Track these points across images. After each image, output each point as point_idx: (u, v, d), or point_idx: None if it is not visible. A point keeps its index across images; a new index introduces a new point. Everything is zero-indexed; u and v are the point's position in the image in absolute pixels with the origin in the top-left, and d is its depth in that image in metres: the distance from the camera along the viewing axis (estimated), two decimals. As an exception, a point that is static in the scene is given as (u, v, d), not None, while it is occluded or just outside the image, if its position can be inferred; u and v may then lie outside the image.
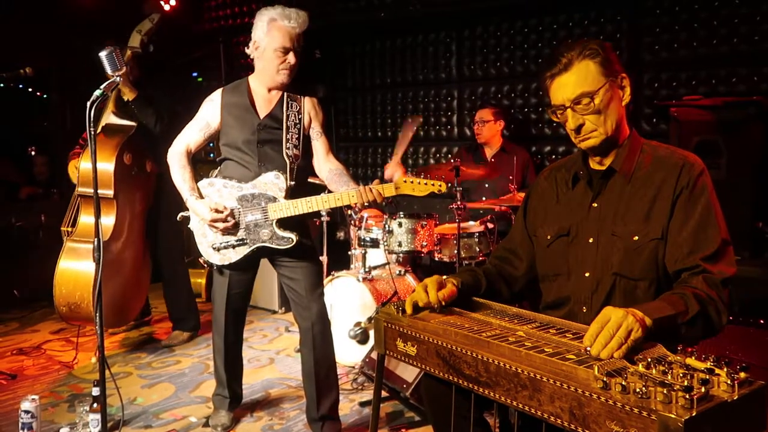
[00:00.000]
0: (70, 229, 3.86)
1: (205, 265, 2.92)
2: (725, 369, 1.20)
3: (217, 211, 2.67)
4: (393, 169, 3.81)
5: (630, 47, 4.35)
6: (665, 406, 1.10)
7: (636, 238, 1.72)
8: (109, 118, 3.93)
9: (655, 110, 4.20)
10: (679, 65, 4.15)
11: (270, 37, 2.69)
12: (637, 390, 1.14)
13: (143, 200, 4.05)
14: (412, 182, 2.62)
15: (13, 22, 5.48)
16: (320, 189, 3.09)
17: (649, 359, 1.24)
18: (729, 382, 1.16)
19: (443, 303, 1.74)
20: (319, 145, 2.86)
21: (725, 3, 3.91)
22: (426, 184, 2.61)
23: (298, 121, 2.79)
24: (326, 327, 2.87)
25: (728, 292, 1.63)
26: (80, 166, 3.75)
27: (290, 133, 2.76)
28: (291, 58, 2.71)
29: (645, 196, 1.75)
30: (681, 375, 1.17)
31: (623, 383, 1.16)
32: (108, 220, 3.78)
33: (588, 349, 1.34)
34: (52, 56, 5.63)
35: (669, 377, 1.18)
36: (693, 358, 1.26)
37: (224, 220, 2.68)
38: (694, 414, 1.08)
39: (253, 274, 2.97)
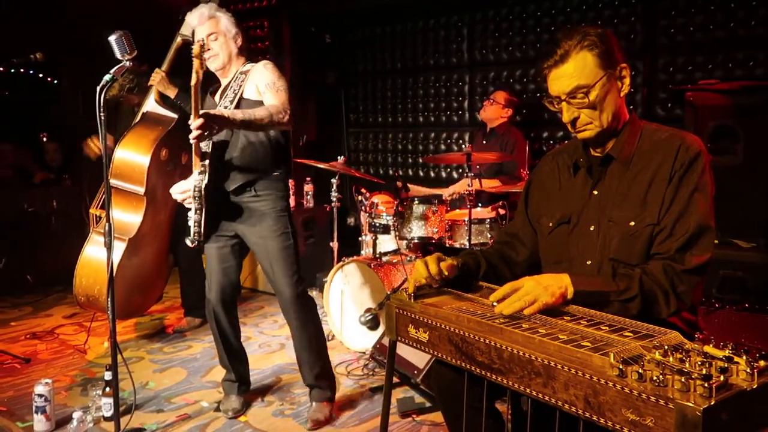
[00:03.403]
0: (98, 212, 3.79)
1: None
2: (744, 357, 1.17)
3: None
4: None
5: (645, 31, 4.28)
6: (683, 395, 1.08)
7: (632, 223, 1.70)
8: (151, 105, 3.78)
9: (671, 95, 4.14)
10: (696, 49, 4.08)
11: None
12: (654, 378, 1.11)
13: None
14: None
15: (24, 7, 5.48)
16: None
17: (666, 347, 1.22)
18: (748, 370, 1.14)
19: (445, 273, 1.74)
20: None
21: (743, -15, 3.84)
22: None
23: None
24: (301, 305, 2.91)
25: (695, 280, 1.63)
26: (115, 156, 3.61)
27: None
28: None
29: (642, 181, 1.72)
30: (699, 363, 1.15)
31: (640, 371, 1.13)
32: (135, 218, 3.66)
33: (494, 304, 1.53)
34: (63, 42, 5.61)
35: (687, 365, 1.15)
36: (711, 345, 1.24)
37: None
38: (713, 403, 1.05)
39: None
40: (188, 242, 2.83)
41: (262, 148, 2.85)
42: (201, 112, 2.46)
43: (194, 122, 2.47)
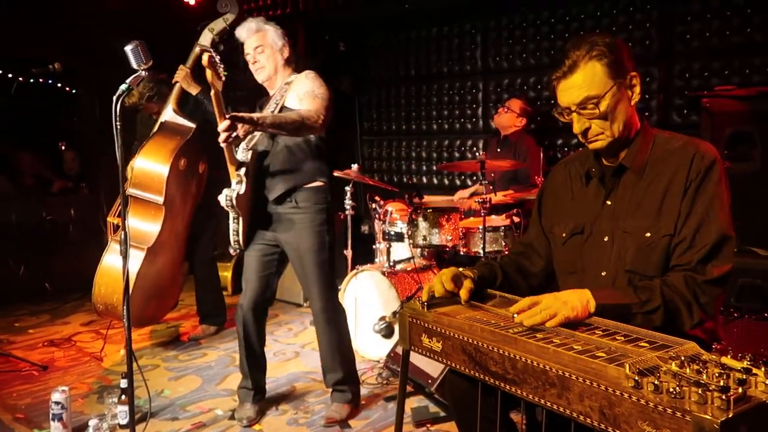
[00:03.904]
0: (116, 221, 3.82)
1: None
2: (763, 369, 1.15)
3: None
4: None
5: (660, 37, 4.25)
6: (700, 407, 1.06)
7: (648, 234, 1.68)
8: (169, 115, 3.81)
9: (687, 101, 4.10)
10: (712, 55, 4.04)
11: None
12: (671, 390, 1.10)
13: (192, 203, 3.97)
14: None
15: (42, 18, 5.56)
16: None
17: (683, 358, 1.20)
18: (767, 382, 1.12)
19: (464, 296, 1.72)
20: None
21: (760, -10, 3.80)
22: None
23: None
24: (329, 317, 2.98)
25: (717, 291, 1.62)
26: (134, 165, 3.64)
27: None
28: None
29: (657, 190, 1.70)
30: (716, 374, 1.13)
31: (656, 382, 1.12)
32: (153, 227, 3.69)
33: (514, 316, 1.51)
34: (81, 52, 5.69)
35: (704, 377, 1.13)
36: (729, 356, 1.22)
37: None
38: (731, 415, 1.03)
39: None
40: (231, 250, 2.93)
41: (302, 155, 2.89)
42: (228, 114, 2.50)
43: (221, 125, 2.51)
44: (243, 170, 2.80)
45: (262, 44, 2.93)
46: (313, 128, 2.73)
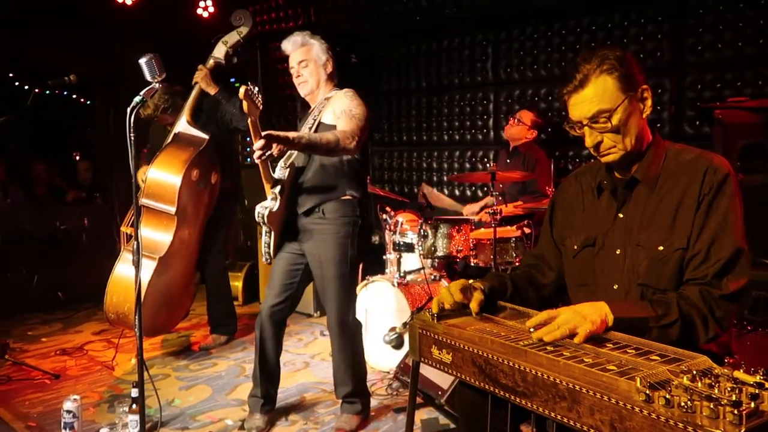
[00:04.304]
0: (129, 230, 3.86)
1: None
2: (776, 383, 1.14)
3: None
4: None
5: (672, 48, 4.24)
6: (712, 422, 1.05)
7: (661, 248, 1.67)
8: (183, 126, 3.86)
9: (699, 113, 4.09)
10: (724, 66, 4.02)
11: None
12: (682, 404, 1.09)
13: (204, 214, 4.00)
14: None
15: (58, 31, 5.65)
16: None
17: (695, 371, 1.19)
18: (780, 397, 1.11)
19: (475, 308, 1.72)
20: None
21: (773, 1, 3.78)
22: None
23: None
24: (344, 330, 2.98)
25: (733, 306, 1.61)
26: (147, 176, 3.68)
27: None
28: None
29: (669, 204, 1.69)
30: (729, 389, 1.12)
31: (667, 396, 1.11)
32: (165, 237, 3.72)
33: (531, 330, 1.49)
34: (96, 64, 5.77)
35: (716, 391, 1.12)
36: (741, 371, 1.21)
37: None
38: (743, 430, 1.03)
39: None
40: (264, 260, 3.00)
41: (335, 171, 2.90)
42: (263, 132, 2.50)
43: (256, 143, 2.53)
44: (278, 188, 2.83)
45: (306, 59, 2.95)
46: (346, 150, 2.72)
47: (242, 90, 2.56)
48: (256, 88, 2.63)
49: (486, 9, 4.80)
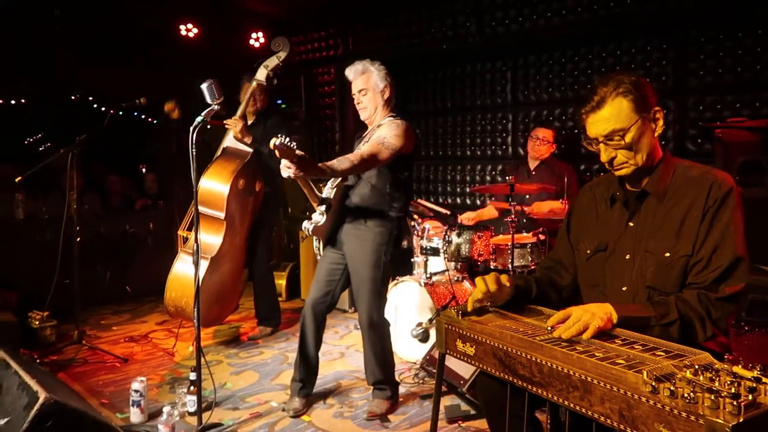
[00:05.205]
0: (185, 234, 3.93)
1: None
2: (773, 378, 1.12)
3: None
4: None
5: (676, 73, 4.18)
6: (713, 412, 1.05)
7: (667, 254, 1.66)
8: (230, 141, 3.92)
9: (701, 132, 4.01)
10: (724, 89, 3.95)
11: None
12: (685, 395, 1.08)
13: (250, 218, 4.06)
14: None
15: (130, 61, 5.84)
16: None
17: (697, 366, 1.18)
18: (776, 391, 1.09)
19: (507, 284, 1.74)
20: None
21: (769, 30, 3.70)
22: None
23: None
24: (373, 328, 2.98)
25: (729, 308, 1.59)
26: (200, 186, 3.69)
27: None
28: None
29: (676, 215, 1.68)
30: (728, 382, 1.11)
31: (671, 388, 1.10)
32: (216, 239, 3.78)
33: (550, 329, 1.50)
34: (162, 89, 5.92)
35: (716, 384, 1.11)
36: (740, 366, 1.19)
37: None
38: (741, 420, 1.02)
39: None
40: (318, 257, 3.12)
41: (382, 187, 2.90)
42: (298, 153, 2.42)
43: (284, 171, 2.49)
44: (324, 207, 2.87)
45: (365, 87, 2.91)
46: (356, 169, 2.69)
47: (277, 150, 2.35)
48: (286, 138, 2.34)
49: (505, 38, 4.79)
